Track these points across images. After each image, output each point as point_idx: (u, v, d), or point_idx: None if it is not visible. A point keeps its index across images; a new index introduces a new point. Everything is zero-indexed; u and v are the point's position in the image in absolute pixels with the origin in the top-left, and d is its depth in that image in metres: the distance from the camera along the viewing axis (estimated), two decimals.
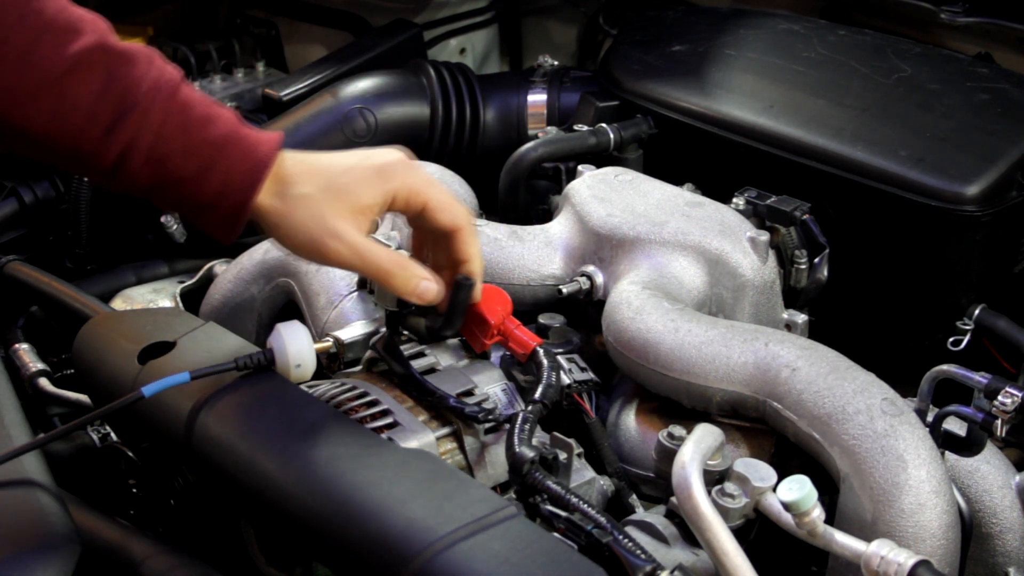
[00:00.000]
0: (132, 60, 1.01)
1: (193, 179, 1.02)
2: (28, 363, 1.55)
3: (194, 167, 1.02)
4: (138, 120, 1.00)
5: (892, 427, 1.07)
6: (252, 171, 1.04)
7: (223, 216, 1.05)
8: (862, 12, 1.95)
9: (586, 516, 0.98)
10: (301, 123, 1.81)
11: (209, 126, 1.03)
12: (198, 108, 1.04)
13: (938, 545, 1.04)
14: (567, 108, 1.86)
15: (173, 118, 1.02)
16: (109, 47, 1.00)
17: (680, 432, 1.13)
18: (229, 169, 1.03)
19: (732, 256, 1.33)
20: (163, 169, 1.02)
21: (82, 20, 1.00)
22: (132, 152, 1.00)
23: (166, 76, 1.03)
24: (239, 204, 1.04)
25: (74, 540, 1.00)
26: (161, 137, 1.01)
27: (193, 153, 1.02)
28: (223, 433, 1.07)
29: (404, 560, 0.90)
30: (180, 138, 1.02)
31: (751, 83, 1.63)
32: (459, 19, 2.32)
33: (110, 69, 1.00)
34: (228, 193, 1.04)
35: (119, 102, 1.00)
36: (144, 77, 1.01)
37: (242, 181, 1.04)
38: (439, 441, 1.12)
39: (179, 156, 1.02)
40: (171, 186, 1.03)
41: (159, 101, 1.01)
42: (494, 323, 1.20)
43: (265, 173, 1.04)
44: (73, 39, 0.98)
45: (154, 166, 1.01)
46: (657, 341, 1.21)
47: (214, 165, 1.03)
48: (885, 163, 1.44)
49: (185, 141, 1.02)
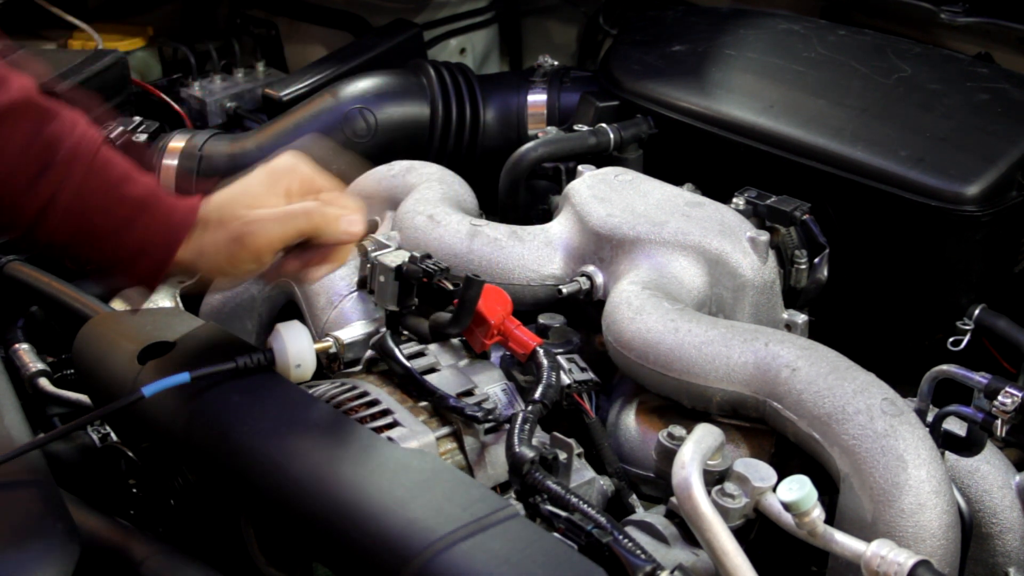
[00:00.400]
0: (57, 116, 1.04)
1: (112, 235, 1.05)
2: (28, 363, 1.55)
3: (113, 224, 1.05)
4: (60, 174, 1.03)
5: (892, 427, 1.07)
6: (173, 230, 1.07)
7: (140, 273, 1.08)
8: (862, 12, 1.95)
9: (586, 516, 0.98)
10: (301, 123, 1.81)
11: (129, 185, 1.06)
12: (119, 168, 1.07)
13: (938, 545, 1.04)
14: (567, 108, 1.86)
15: (94, 176, 1.04)
16: (36, 102, 1.03)
17: (680, 432, 1.13)
18: (149, 227, 1.06)
19: (732, 256, 1.33)
20: (82, 224, 1.04)
21: (10, 76, 1.03)
22: (53, 205, 1.03)
23: (90, 135, 1.06)
24: (158, 263, 1.07)
25: (74, 540, 1.00)
26: (82, 193, 1.04)
27: (113, 210, 1.05)
28: (223, 433, 1.07)
29: (404, 560, 0.90)
30: (100, 195, 1.04)
31: (751, 83, 1.63)
32: (459, 19, 2.32)
33: (36, 123, 1.02)
34: (148, 250, 1.07)
35: (43, 155, 1.02)
36: (68, 134, 1.04)
37: (163, 238, 1.07)
38: (439, 441, 1.12)
39: (99, 213, 1.04)
40: (90, 242, 1.06)
41: (82, 158, 1.04)
42: (494, 323, 1.20)
43: (185, 234, 1.08)
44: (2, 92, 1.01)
45: (74, 221, 1.04)
46: (657, 341, 1.21)
47: (133, 223, 1.05)
48: (885, 163, 1.44)
49: (105, 198, 1.05)
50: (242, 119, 2.18)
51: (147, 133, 1.80)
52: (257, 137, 1.81)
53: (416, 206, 1.46)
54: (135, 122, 1.81)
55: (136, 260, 1.07)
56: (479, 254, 1.39)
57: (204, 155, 1.78)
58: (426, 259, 1.27)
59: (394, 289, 1.27)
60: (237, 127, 2.16)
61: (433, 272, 1.25)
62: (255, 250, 1.08)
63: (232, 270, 1.10)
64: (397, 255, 1.28)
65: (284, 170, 1.13)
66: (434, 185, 1.51)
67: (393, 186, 1.54)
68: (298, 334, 1.14)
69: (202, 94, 2.19)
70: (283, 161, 1.14)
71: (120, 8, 2.38)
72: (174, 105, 2.13)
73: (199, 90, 2.20)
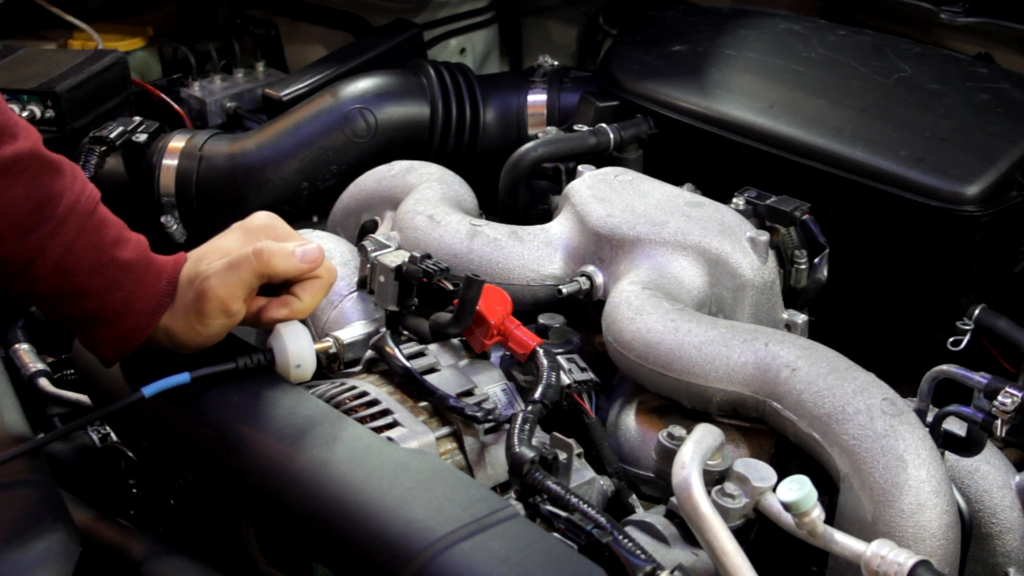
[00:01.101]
0: (59, 171, 1.05)
1: (96, 295, 1.06)
2: (28, 363, 1.55)
3: (99, 284, 1.06)
4: (53, 230, 1.03)
5: (892, 427, 1.07)
6: (159, 296, 1.09)
7: (119, 334, 1.09)
8: (862, 12, 1.95)
9: (586, 516, 0.98)
10: (301, 123, 1.81)
11: (120, 248, 1.07)
12: (112, 229, 1.08)
13: (938, 545, 1.04)
14: (567, 108, 1.86)
15: (86, 235, 1.05)
16: (41, 155, 1.04)
17: (680, 432, 1.13)
18: (134, 292, 1.07)
19: (732, 256, 1.33)
20: (67, 281, 1.05)
21: (18, 125, 1.03)
22: (41, 259, 1.03)
23: (87, 193, 1.06)
24: (139, 327, 1.08)
25: (74, 540, 1.00)
26: (71, 251, 1.04)
27: (99, 271, 1.06)
28: (223, 433, 1.07)
29: (404, 560, 0.90)
30: (90, 255, 1.05)
31: (751, 83, 1.63)
32: (459, 19, 2.32)
33: (37, 176, 1.03)
34: (131, 313, 1.08)
35: (39, 210, 1.03)
36: (67, 190, 1.05)
37: (147, 304, 1.08)
38: (439, 441, 1.12)
39: (84, 272, 1.05)
40: (72, 298, 1.06)
41: (76, 216, 1.05)
42: (494, 323, 1.20)
43: (172, 297, 1.09)
44: (9, 142, 1.01)
45: (59, 277, 1.05)
46: (657, 341, 1.21)
47: (118, 285, 1.06)
48: (885, 163, 1.44)
49: (94, 258, 1.05)
50: (242, 119, 2.18)
51: (147, 133, 1.80)
52: (257, 137, 1.81)
53: (416, 206, 1.46)
54: (135, 122, 1.81)
55: (118, 319, 1.08)
56: (479, 254, 1.39)
57: (204, 155, 1.79)
58: (426, 259, 1.27)
59: (394, 289, 1.27)
60: (237, 127, 2.16)
61: (433, 272, 1.25)
62: (218, 303, 1.08)
63: (204, 330, 1.10)
64: (397, 255, 1.29)
65: (259, 227, 1.14)
66: (434, 185, 1.51)
67: (393, 186, 1.54)
68: (298, 334, 1.14)
69: (202, 94, 2.19)
70: (258, 218, 1.15)
71: (120, 8, 2.38)
72: (174, 105, 2.13)
73: (199, 90, 2.20)
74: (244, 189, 1.77)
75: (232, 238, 1.13)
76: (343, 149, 1.80)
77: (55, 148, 1.07)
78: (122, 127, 1.79)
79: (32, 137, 1.04)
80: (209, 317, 1.09)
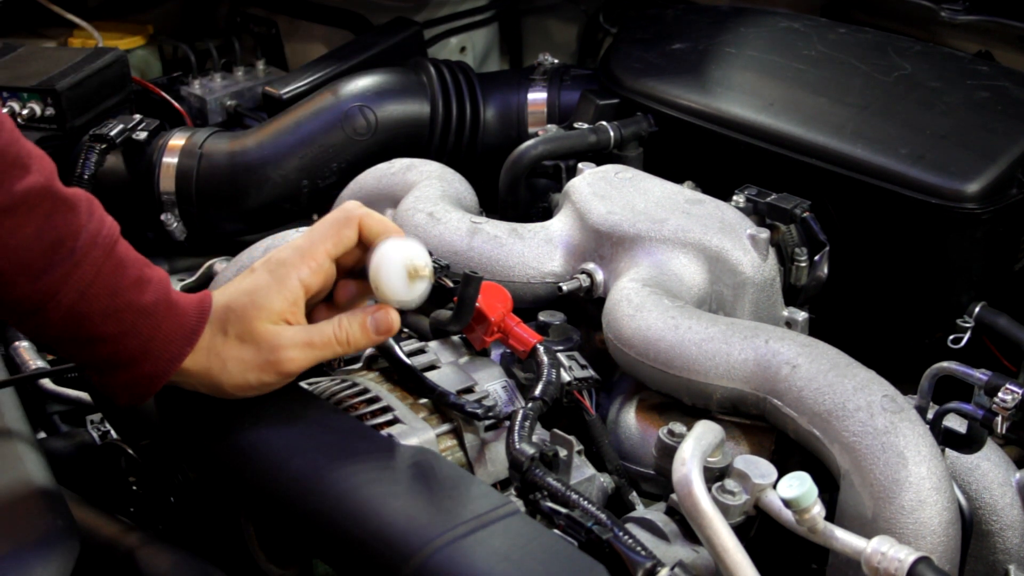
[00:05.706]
0: (73, 208, 0.97)
1: (111, 340, 0.99)
2: (28, 361, 1.55)
3: (114, 330, 0.98)
4: (67, 273, 0.95)
5: (892, 424, 1.07)
6: (182, 340, 1.02)
7: (134, 379, 1.01)
8: (862, 10, 1.95)
9: (586, 513, 0.98)
10: (301, 121, 1.81)
11: (139, 291, 0.99)
12: (131, 270, 1.00)
13: (938, 542, 1.04)
14: (567, 106, 1.86)
15: (103, 278, 0.97)
16: (54, 191, 0.95)
17: (680, 429, 1.13)
18: (154, 336, 1.00)
19: (732, 253, 1.33)
20: (80, 327, 0.97)
21: (31, 156, 0.95)
22: (53, 303, 0.96)
23: (104, 231, 0.99)
24: (156, 373, 1.01)
25: (74, 537, 1.00)
26: (85, 296, 0.96)
27: (115, 316, 0.98)
28: (223, 430, 1.07)
29: (405, 557, 0.90)
30: (105, 300, 0.97)
31: (751, 81, 1.63)
32: (459, 17, 2.32)
33: (50, 215, 0.95)
34: (149, 359, 1.00)
35: (51, 251, 0.95)
36: (83, 229, 0.97)
37: (168, 350, 1.01)
38: (439, 438, 1.12)
39: (99, 317, 0.97)
40: (85, 343, 0.99)
41: (92, 258, 0.97)
42: (494, 320, 1.20)
43: (194, 344, 1.02)
44: (21, 176, 0.93)
45: (72, 322, 0.97)
46: (657, 338, 1.21)
47: (135, 331, 0.99)
48: (885, 161, 1.44)
49: (110, 303, 0.97)
50: (242, 117, 2.18)
51: (147, 131, 1.80)
52: (257, 135, 1.81)
53: (416, 204, 1.46)
54: (135, 120, 1.81)
55: (135, 365, 1.00)
56: (479, 251, 1.39)
57: (204, 153, 1.79)
58: None
59: None
60: (237, 125, 2.16)
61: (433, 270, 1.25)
62: (286, 375, 1.06)
63: (259, 387, 1.06)
64: None
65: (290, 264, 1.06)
66: (434, 183, 1.51)
67: (393, 184, 1.54)
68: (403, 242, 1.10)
69: (202, 92, 2.19)
70: (283, 255, 1.07)
71: (120, 6, 2.38)
72: (174, 103, 2.13)
73: (199, 88, 2.20)
74: (244, 187, 1.77)
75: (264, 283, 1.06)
76: (343, 147, 1.80)
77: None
78: (122, 125, 1.79)
79: (45, 171, 0.95)
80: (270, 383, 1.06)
